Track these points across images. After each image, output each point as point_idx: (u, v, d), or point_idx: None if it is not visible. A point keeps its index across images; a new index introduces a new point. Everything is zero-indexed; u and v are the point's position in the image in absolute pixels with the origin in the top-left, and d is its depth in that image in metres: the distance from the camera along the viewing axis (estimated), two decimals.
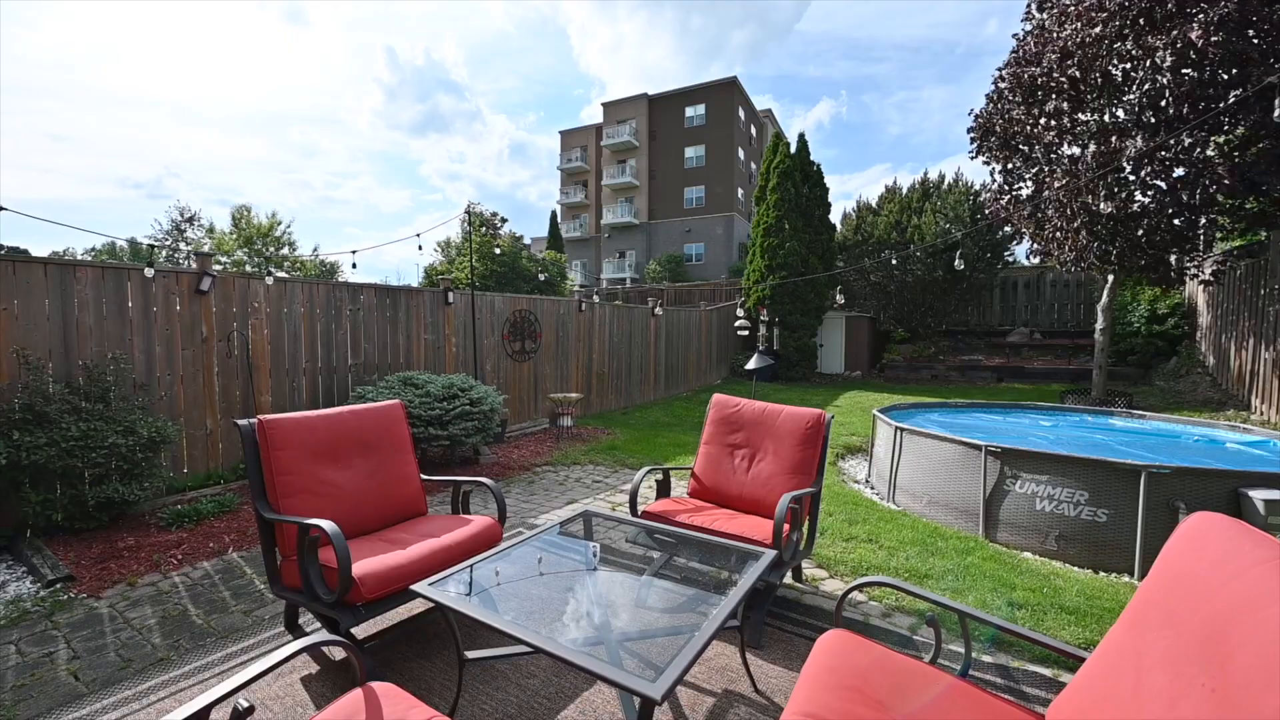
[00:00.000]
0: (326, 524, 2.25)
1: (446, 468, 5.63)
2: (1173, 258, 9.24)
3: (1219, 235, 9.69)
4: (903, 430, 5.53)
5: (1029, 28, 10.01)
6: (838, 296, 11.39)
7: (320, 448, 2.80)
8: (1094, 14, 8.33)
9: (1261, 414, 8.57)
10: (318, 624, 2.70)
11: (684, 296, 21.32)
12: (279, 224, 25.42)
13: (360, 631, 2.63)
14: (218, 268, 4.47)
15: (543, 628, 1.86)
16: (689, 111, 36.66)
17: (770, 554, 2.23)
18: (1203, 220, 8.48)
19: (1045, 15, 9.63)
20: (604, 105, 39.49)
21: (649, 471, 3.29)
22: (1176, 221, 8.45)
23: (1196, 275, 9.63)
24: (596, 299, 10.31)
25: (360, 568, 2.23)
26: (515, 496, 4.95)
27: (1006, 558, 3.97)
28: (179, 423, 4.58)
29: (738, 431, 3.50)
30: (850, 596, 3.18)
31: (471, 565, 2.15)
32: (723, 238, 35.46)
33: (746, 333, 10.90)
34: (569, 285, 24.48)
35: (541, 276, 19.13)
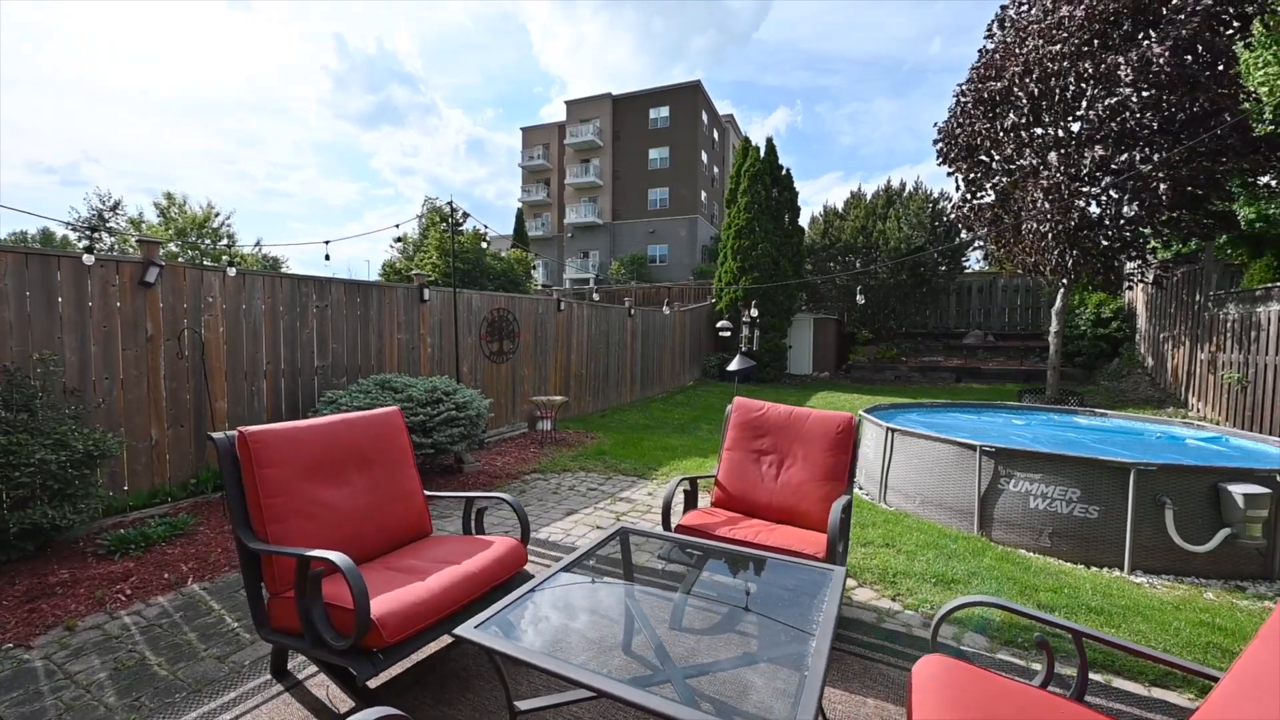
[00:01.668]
0: (337, 556, 1.90)
1: (428, 478, 5.22)
2: (1124, 265, 9.79)
3: (1159, 245, 10.34)
4: (894, 431, 5.52)
5: (991, 45, 10.40)
6: (752, 311, 11.55)
7: (312, 463, 2.42)
8: (1054, 31, 8.71)
9: (1198, 411, 9.17)
10: (311, 667, 2.33)
11: (651, 297, 21.18)
12: (216, 215, 23.63)
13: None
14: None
15: (596, 665, 1.61)
16: (653, 113, 36.65)
17: (839, 570, 2.05)
18: (1147, 230, 9.01)
19: (1007, 32, 10.02)
20: (567, 103, 38.97)
21: (679, 482, 3.05)
22: (1126, 231, 8.93)
23: (1141, 281, 10.25)
24: (595, 295, 9.98)
25: (379, 606, 1.90)
26: (508, 508, 4.62)
27: (1016, 558, 3.97)
28: (119, 433, 4.00)
29: (763, 437, 3.32)
30: (886, 607, 3.06)
31: (514, 600, 1.86)
32: (686, 240, 35.61)
33: (729, 334, 10.81)
34: (534, 285, 23.90)
35: (509, 264, 18.53)
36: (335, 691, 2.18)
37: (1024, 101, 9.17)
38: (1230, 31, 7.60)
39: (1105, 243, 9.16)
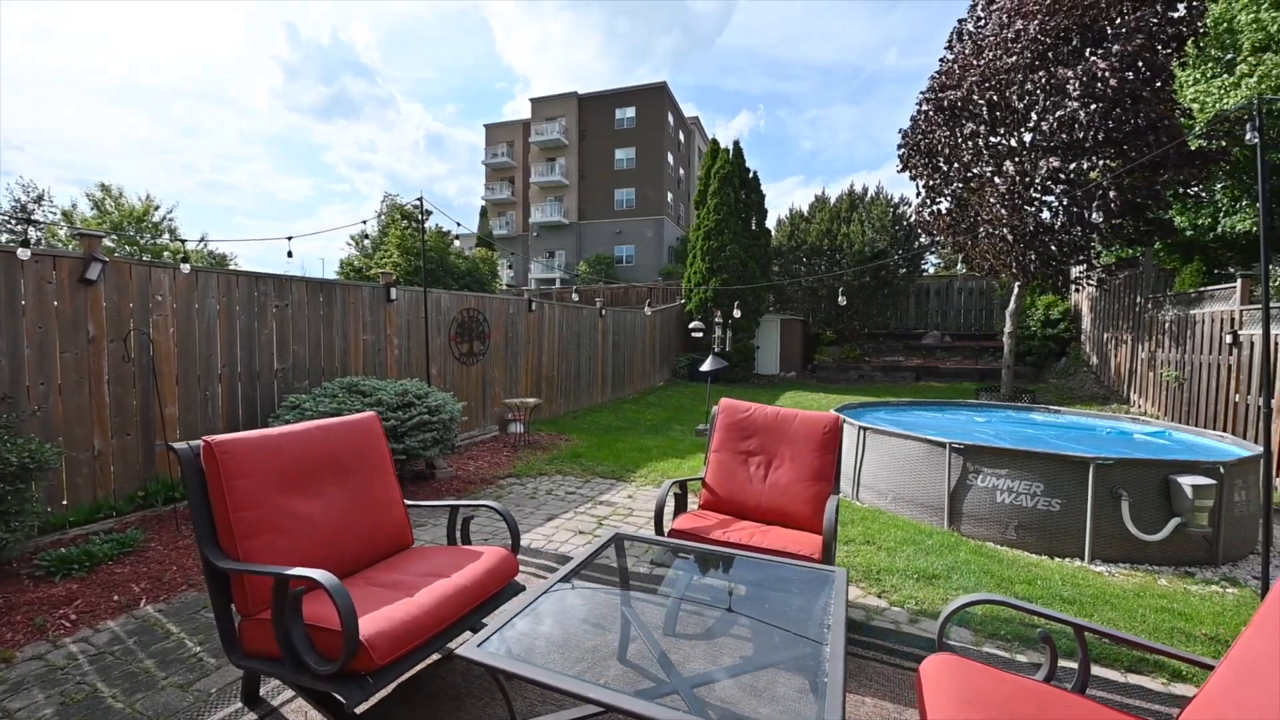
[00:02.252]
0: (321, 574, 1.77)
1: (400, 486, 5.00)
2: (1072, 269, 10.33)
3: (1103, 250, 10.97)
4: (866, 430, 5.64)
5: (950, 55, 10.81)
6: (735, 311, 11.78)
7: (286, 474, 2.27)
8: (1009, 44, 9.11)
9: (1139, 407, 9.77)
10: (287, 691, 2.18)
11: (620, 297, 21.12)
12: (156, 208, 22.21)
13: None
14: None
15: (601, 677, 1.55)
16: (619, 113, 36.59)
17: (840, 572, 2.05)
18: (1095, 236, 9.54)
19: (965, 44, 10.43)
20: (532, 101, 38.47)
21: (670, 486, 3.00)
22: (1077, 236, 9.43)
23: (1087, 284, 10.84)
24: (576, 295, 9.82)
25: (367, 625, 1.78)
26: (486, 515, 4.48)
27: (988, 551, 4.11)
28: (57, 443, 3.68)
29: (750, 438, 3.32)
30: (873, 604, 3.09)
31: (516, 614, 1.77)
32: (653, 241, 35.69)
33: (701, 334, 10.87)
34: (499, 285, 23.48)
35: (474, 263, 18.12)
36: (316, 718, 2.04)
37: (982, 110, 9.56)
38: (1167, 51, 8.11)
39: (1055, 248, 9.65)
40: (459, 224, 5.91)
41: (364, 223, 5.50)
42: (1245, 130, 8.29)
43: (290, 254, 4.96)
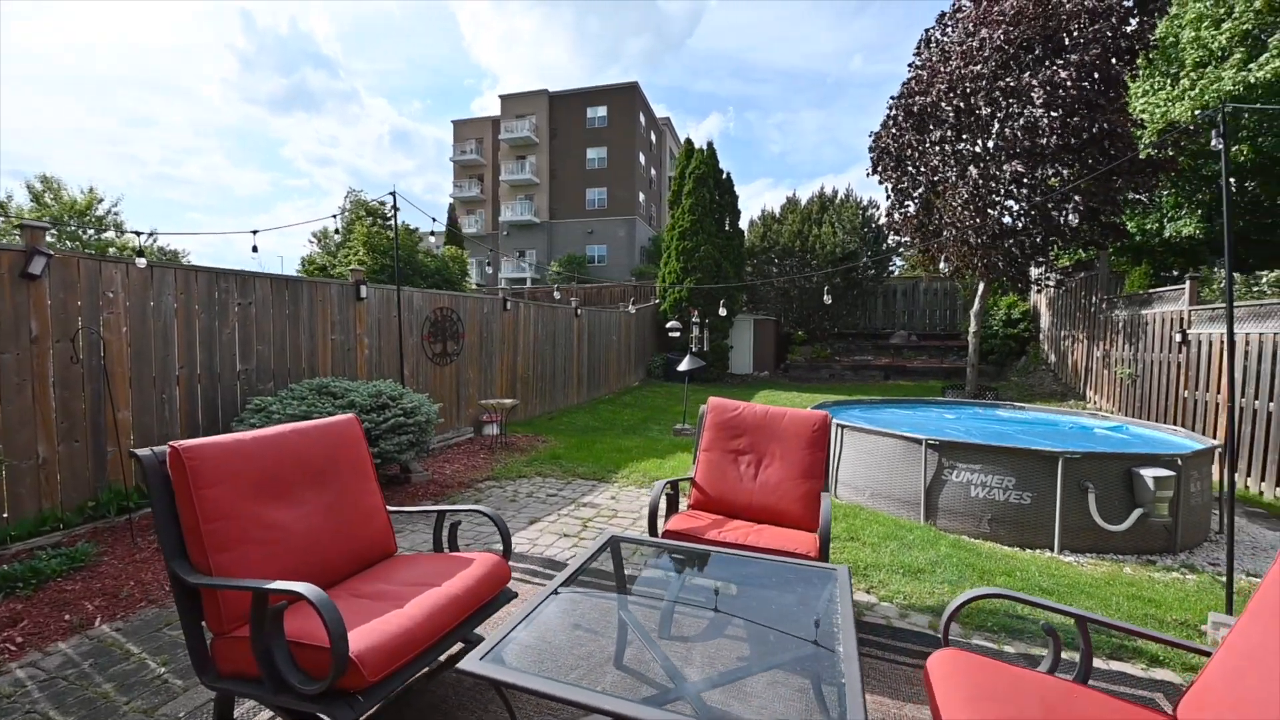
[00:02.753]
0: (306, 588, 1.66)
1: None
2: (1032, 270, 10.75)
3: (1062, 252, 11.45)
4: (844, 428, 5.71)
5: (919, 62, 11.11)
6: (720, 310, 11.92)
7: (261, 481, 2.13)
8: (974, 52, 9.42)
9: (1095, 403, 10.23)
10: (265, 712, 2.04)
11: (592, 297, 20.99)
12: (99, 201, 20.96)
13: None
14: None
15: (604, 685, 1.50)
16: (590, 112, 36.40)
17: (842, 569, 2.04)
18: (1055, 239, 9.95)
19: (933, 51, 10.74)
20: (502, 98, 37.92)
21: (663, 486, 2.96)
22: (1038, 239, 9.81)
23: (1046, 285, 11.30)
24: (557, 293, 9.66)
25: (356, 640, 1.67)
26: (468, 519, 4.35)
27: (966, 545, 4.20)
28: None
29: (740, 436, 3.30)
30: (863, 600, 3.12)
31: (517, 624, 1.69)
32: (625, 241, 35.63)
33: (678, 334, 10.87)
34: (469, 284, 23.04)
35: (443, 261, 17.70)
36: None
37: (949, 116, 9.85)
38: (1120, 64, 8.51)
39: (1016, 251, 10.03)
40: (435, 219, 5.73)
41: (333, 217, 5.27)
42: (1200, 138, 8.78)
43: (255, 248, 4.71)
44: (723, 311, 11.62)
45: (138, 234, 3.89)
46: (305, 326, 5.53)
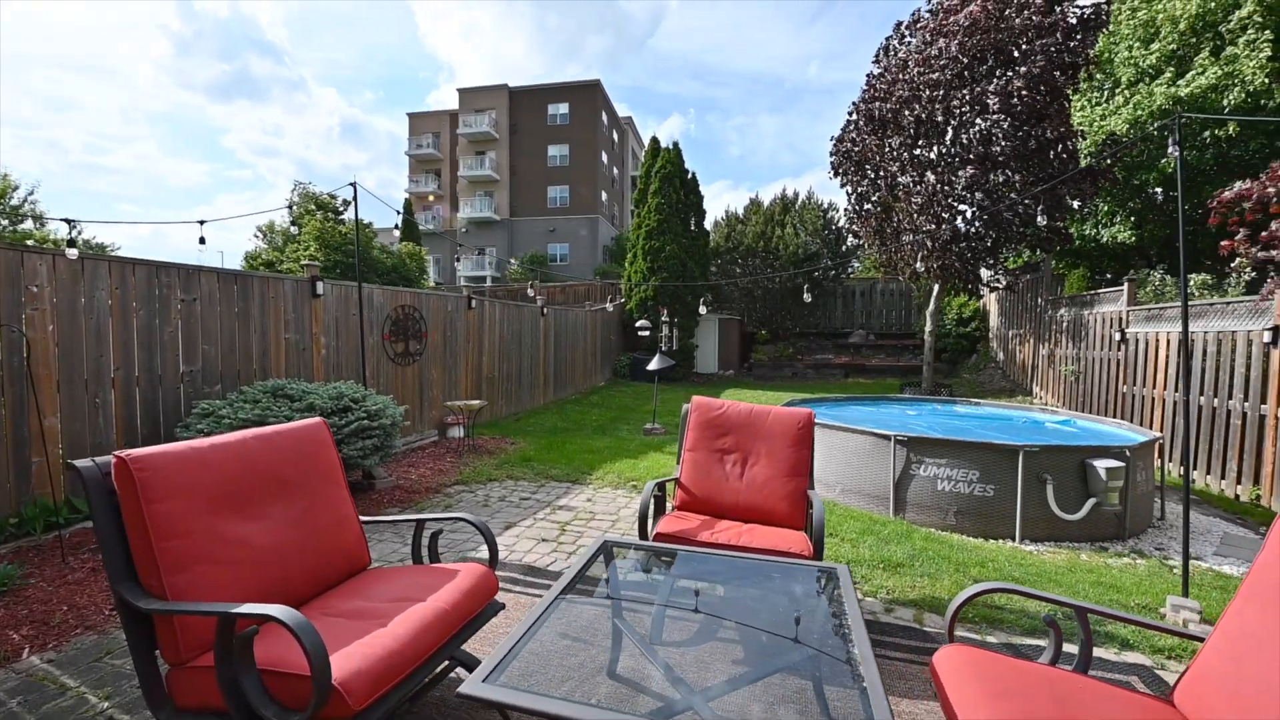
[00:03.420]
0: (280, 610, 1.50)
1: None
2: (983, 272, 11.25)
3: (1010, 255, 12.04)
4: (815, 425, 5.79)
5: (878, 70, 11.44)
6: (701, 308, 12.02)
7: (221, 492, 1.94)
8: (932, 61, 9.77)
9: (1041, 398, 10.80)
10: None
11: (556, 296, 20.73)
12: (13, 189, 19.19)
13: None
14: None
15: (608, 698, 1.42)
16: (552, 109, 35.96)
17: (843, 568, 2.02)
18: (1005, 242, 10.44)
19: (892, 59, 11.08)
20: (460, 91, 36.97)
21: (652, 488, 2.88)
22: (989, 242, 10.27)
23: (996, 287, 11.85)
24: (531, 291, 9.38)
25: (339, 665, 1.53)
26: (432, 526, 4.15)
27: (938, 538, 4.31)
28: None
29: (725, 435, 3.27)
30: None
31: (518, 640, 1.59)
32: (588, 239, 35.38)
33: (647, 333, 10.82)
34: (427, 282, 22.35)
35: (399, 258, 17.08)
36: None
37: (908, 121, 10.19)
38: (1064, 77, 9.00)
39: (969, 254, 10.47)
40: (399, 212, 5.47)
41: (289, 208, 4.95)
42: (1134, 150, 9.36)
43: (203, 240, 4.36)
44: (703, 310, 11.68)
45: (68, 223, 3.52)
46: (256, 325, 5.18)
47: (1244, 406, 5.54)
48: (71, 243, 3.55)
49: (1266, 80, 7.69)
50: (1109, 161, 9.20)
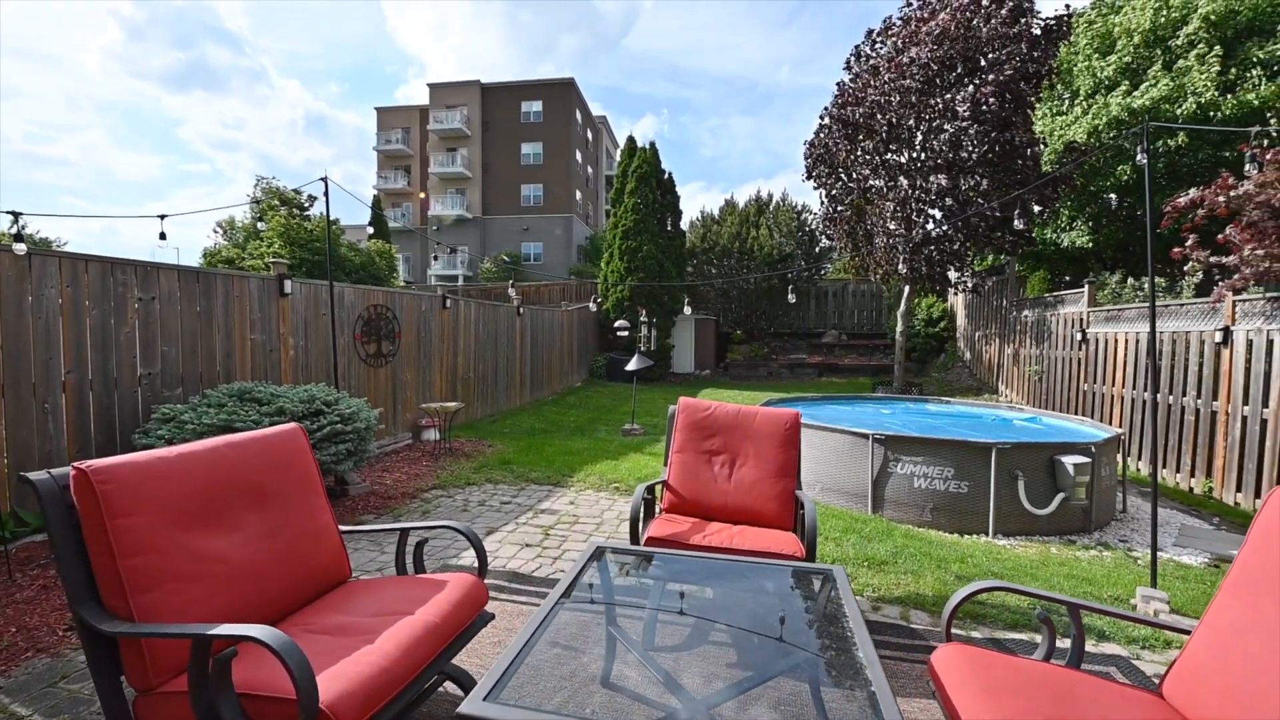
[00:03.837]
0: (262, 631, 1.41)
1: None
2: (951, 274, 11.57)
3: (977, 258, 12.42)
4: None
5: (849, 77, 11.64)
6: (685, 308, 12.07)
7: (191, 505, 1.82)
8: (904, 68, 9.99)
9: (1007, 397, 11.17)
10: None
11: (531, 296, 20.49)
12: None
13: None
14: None
15: (610, 710, 1.38)
16: (525, 106, 35.55)
17: (839, 570, 2.02)
18: (972, 245, 10.76)
19: (864, 65, 11.30)
20: (430, 86, 36.23)
21: (642, 492, 2.84)
22: (958, 245, 10.57)
23: (963, 288, 12.21)
24: (512, 290, 9.19)
25: (326, 687, 1.44)
26: (417, 534, 4.03)
27: (918, 534, 4.39)
28: None
29: (713, 437, 3.26)
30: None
31: (517, 653, 1.53)
32: (562, 239, 35.11)
33: (626, 333, 10.79)
34: (397, 280, 21.83)
35: (368, 256, 16.61)
36: None
37: (880, 125, 10.40)
38: (1028, 86, 9.32)
39: (938, 256, 10.76)
40: (373, 209, 5.29)
41: (256, 203, 4.70)
42: (1092, 157, 9.75)
43: (164, 235, 4.13)
44: (687, 310, 11.69)
45: (13, 215, 3.28)
46: (220, 325, 4.94)
47: (1197, 403, 5.83)
48: (19, 237, 3.31)
49: (1216, 93, 8.11)
50: (1071, 169, 9.56)
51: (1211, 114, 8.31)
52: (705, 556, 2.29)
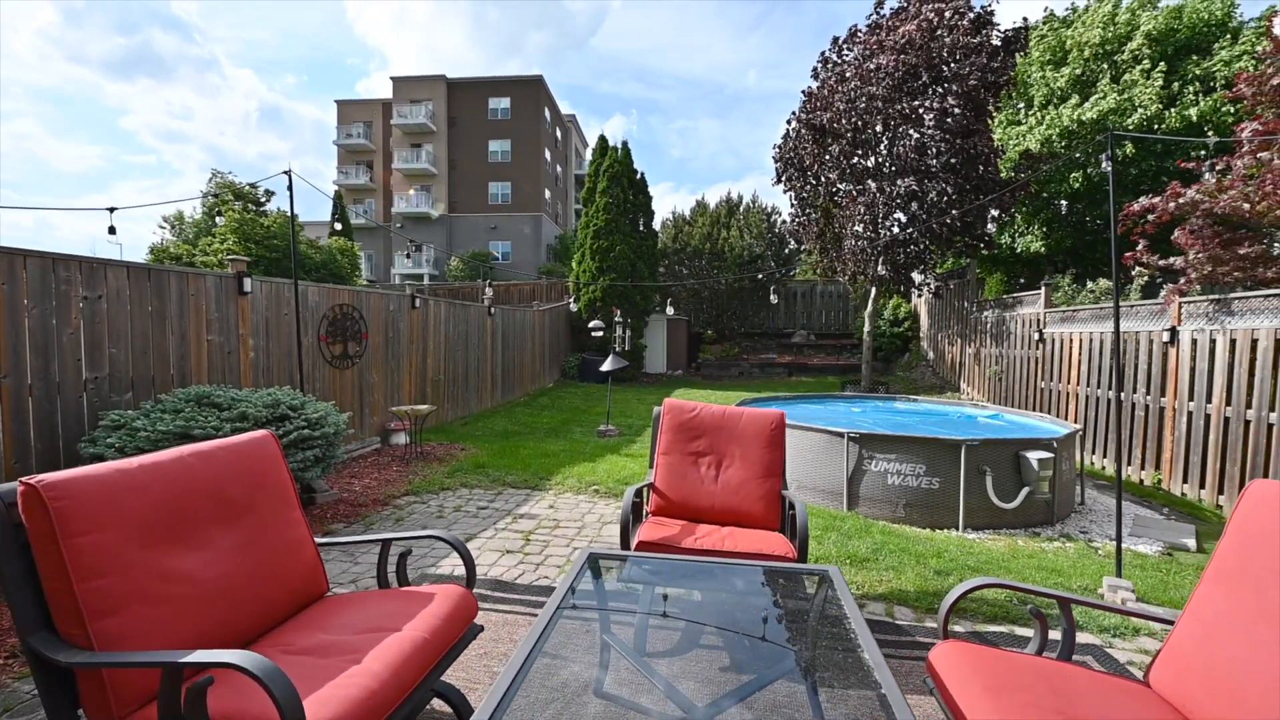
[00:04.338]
0: (241, 657, 1.31)
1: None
2: (915, 276, 11.93)
3: (940, 261, 12.84)
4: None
5: (816, 84, 11.86)
6: (668, 308, 12.11)
7: (155, 519, 1.69)
8: (871, 75, 10.24)
9: (969, 394, 11.57)
10: None
11: (501, 296, 20.15)
12: None
13: None
14: None
15: None
16: (493, 103, 34.99)
17: (835, 570, 2.03)
18: (935, 248, 11.11)
19: (831, 71, 11.52)
20: (394, 80, 35.25)
21: (632, 495, 2.79)
22: (922, 247, 10.89)
23: (927, 290, 12.59)
24: (489, 290, 8.94)
25: (315, 713, 1.35)
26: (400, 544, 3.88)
27: (896, 531, 4.48)
28: None
29: (699, 438, 3.24)
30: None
31: (518, 669, 1.46)
32: (531, 238, 34.70)
33: (601, 333, 10.71)
34: (360, 279, 21.14)
35: (330, 253, 16.00)
36: None
37: (847, 131, 10.63)
38: (988, 94, 9.68)
39: (903, 259, 11.07)
40: (336, 204, 5.07)
41: (214, 195, 4.44)
42: (1044, 164, 10.19)
43: (113, 229, 3.86)
44: (670, 311, 11.68)
45: None
46: (174, 326, 4.66)
47: (1146, 400, 6.15)
48: None
49: (1160, 106, 8.60)
50: (1036, 176, 9.98)
51: (1155, 126, 8.80)
52: (700, 560, 2.26)
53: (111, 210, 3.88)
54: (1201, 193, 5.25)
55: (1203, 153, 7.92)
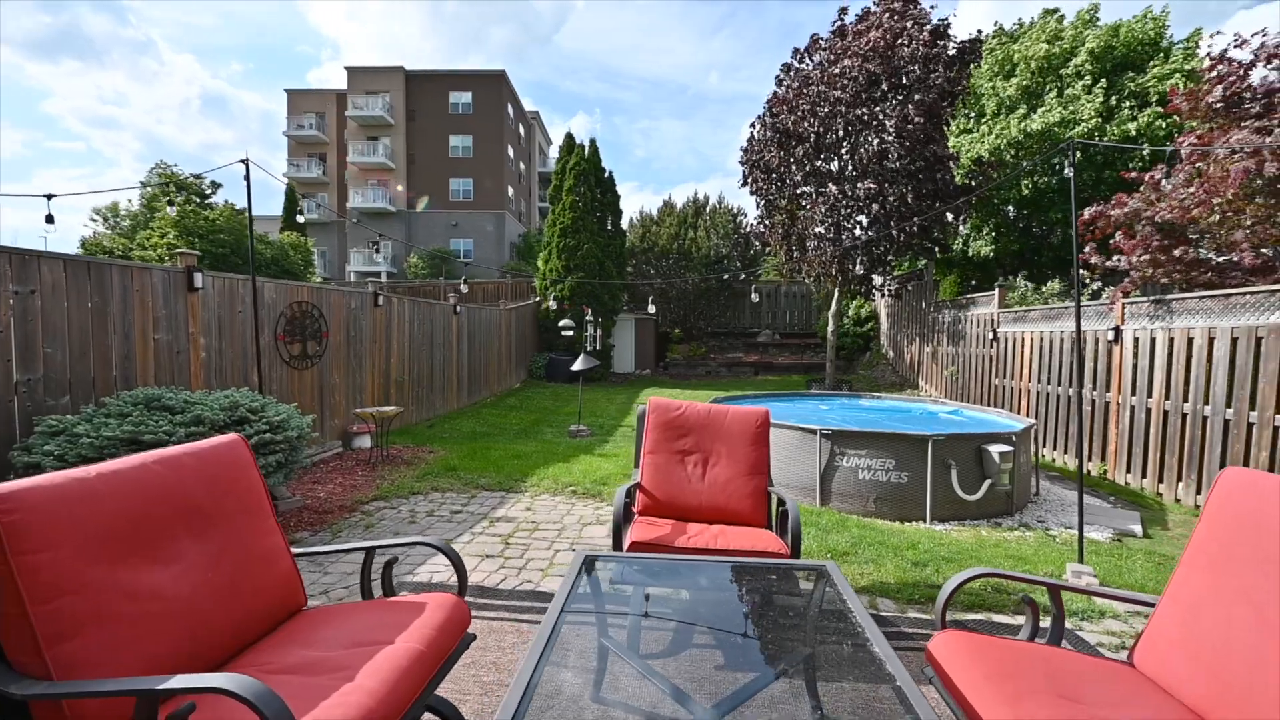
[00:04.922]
0: (227, 679, 1.20)
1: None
2: (875, 278, 12.31)
3: (899, 263, 13.29)
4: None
5: (782, 90, 12.08)
6: (650, 307, 12.11)
7: (117, 532, 1.54)
8: (835, 80, 10.50)
9: (928, 391, 12.02)
10: None
11: (465, 294, 19.69)
12: None
13: None
14: None
15: None
16: (454, 97, 34.16)
17: (833, 565, 2.05)
18: (893, 250, 11.49)
19: (795, 76, 11.76)
20: (349, 70, 33.95)
21: (624, 496, 2.75)
22: (882, 250, 11.25)
23: (888, 290, 13.02)
24: (465, 287, 8.62)
25: None
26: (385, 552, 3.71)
27: (871, 525, 4.59)
28: None
29: (685, 436, 3.23)
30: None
31: (526, 683, 1.40)
32: (494, 236, 34.07)
33: (571, 332, 10.58)
34: (313, 276, 20.28)
35: (281, 249, 15.26)
36: None
37: (810, 134, 10.87)
38: (944, 103, 10.08)
39: (865, 260, 11.41)
40: (289, 197, 4.81)
41: (164, 185, 4.12)
42: (993, 172, 10.68)
43: (50, 219, 3.54)
44: (651, 309, 11.65)
45: None
46: (117, 324, 4.33)
47: (1093, 395, 6.52)
48: None
49: (1100, 120, 9.14)
50: (979, 182, 10.45)
51: (1094, 138, 9.36)
52: (696, 560, 2.24)
53: (49, 198, 3.56)
54: (1142, 201, 5.61)
55: (1141, 164, 8.48)
